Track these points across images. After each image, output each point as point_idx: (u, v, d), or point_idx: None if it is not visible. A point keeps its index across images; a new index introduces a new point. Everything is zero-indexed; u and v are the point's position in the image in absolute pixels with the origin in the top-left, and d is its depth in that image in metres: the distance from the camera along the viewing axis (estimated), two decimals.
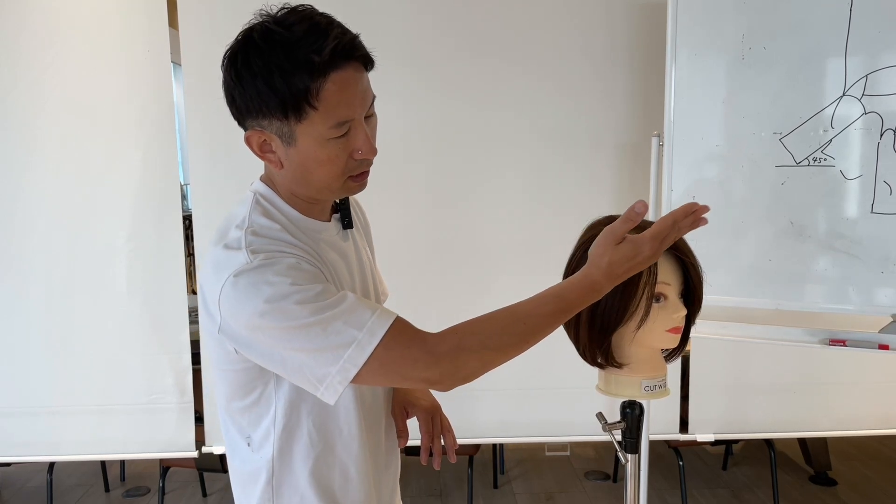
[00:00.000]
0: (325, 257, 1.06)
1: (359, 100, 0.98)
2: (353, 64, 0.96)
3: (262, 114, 0.96)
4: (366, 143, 0.99)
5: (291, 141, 0.97)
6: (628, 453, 1.13)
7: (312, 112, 0.94)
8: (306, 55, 0.92)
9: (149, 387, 2.70)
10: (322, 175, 1.00)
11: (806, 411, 2.86)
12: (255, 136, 0.99)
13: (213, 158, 2.61)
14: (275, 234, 1.00)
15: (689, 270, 1.07)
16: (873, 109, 2.03)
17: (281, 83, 0.92)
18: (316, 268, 0.99)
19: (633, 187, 2.68)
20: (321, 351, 0.92)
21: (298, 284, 0.93)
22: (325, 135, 0.96)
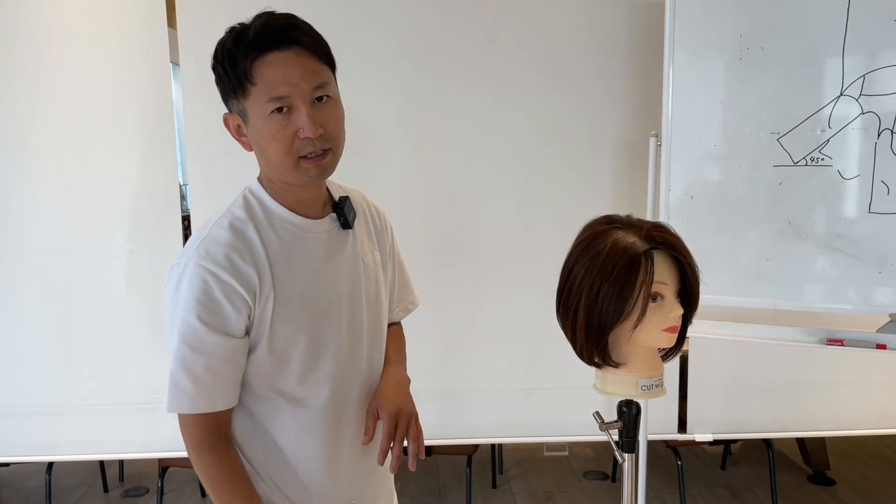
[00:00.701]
0: (297, 252, 1.14)
1: (296, 78, 1.06)
2: (295, 48, 1.07)
3: (228, 96, 1.10)
4: (306, 122, 1.06)
5: (246, 118, 1.09)
6: (625, 453, 1.13)
7: (252, 88, 1.06)
8: (244, 40, 1.06)
9: (147, 387, 2.70)
10: (273, 152, 1.09)
11: (804, 411, 2.86)
12: (230, 119, 1.13)
13: (212, 159, 2.61)
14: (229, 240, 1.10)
15: (686, 270, 1.07)
16: (871, 109, 2.03)
17: (228, 66, 1.07)
18: (232, 302, 1.08)
19: (632, 187, 2.68)
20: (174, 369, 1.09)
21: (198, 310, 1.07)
22: (266, 108, 1.06)
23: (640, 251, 1.03)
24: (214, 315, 1.07)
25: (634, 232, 1.06)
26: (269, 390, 1.16)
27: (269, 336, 1.12)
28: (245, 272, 1.08)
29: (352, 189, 1.32)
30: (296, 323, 1.14)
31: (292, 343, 1.14)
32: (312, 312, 1.15)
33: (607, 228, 1.08)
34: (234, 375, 1.12)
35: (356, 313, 1.22)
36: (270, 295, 1.10)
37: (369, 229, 1.28)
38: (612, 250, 1.04)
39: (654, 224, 1.08)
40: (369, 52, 2.58)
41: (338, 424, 1.20)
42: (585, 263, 1.07)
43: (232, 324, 1.09)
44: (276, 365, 1.14)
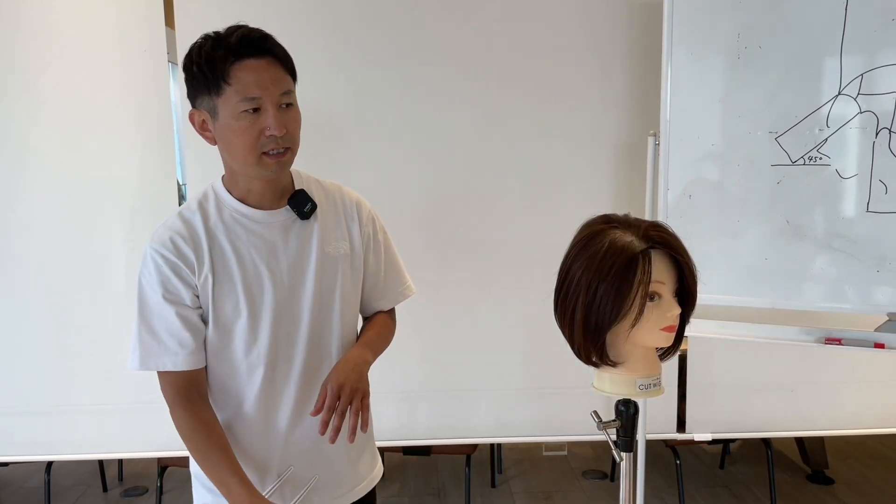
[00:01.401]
0: (241, 237, 1.29)
1: (268, 83, 1.20)
2: (268, 58, 1.22)
3: (199, 93, 1.23)
4: (274, 121, 1.21)
5: (216, 115, 1.22)
6: (623, 452, 1.13)
7: (227, 87, 1.19)
8: (224, 45, 1.20)
9: (146, 386, 2.69)
10: (239, 147, 1.23)
11: (803, 410, 2.86)
12: (196, 115, 1.27)
13: (210, 158, 2.59)
14: (176, 226, 1.28)
15: (684, 269, 1.07)
16: (869, 108, 2.03)
17: (206, 67, 1.20)
18: (180, 276, 1.26)
19: (630, 186, 2.68)
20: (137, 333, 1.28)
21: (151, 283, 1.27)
22: (238, 107, 1.20)
23: (637, 250, 1.04)
24: (165, 287, 1.26)
25: (632, 231, 1.06)
26: (218, 361, 1.31)
27: (213, 309, 1.28)
28: (184, 251, 1.26)
29: (328, 183, 1.43)
30: (236, 299, 1.28)
31: (234, 317, 1.29)
32: (253, 293, 1.29)
33: (605, 228, 1.08)
34: (195, 339, 1.27)
35: (302, 298, 1.32)
36: (209, 273, 1.27)
37: (339, 221, 1.38)
38: (610, 250, 1.05)
39: (652, 223, 1.08)
40: (368, 51, 2.58)
41: (274, 400, 1.33)
42: (583, 263, 1.07)
43: (182, 294, 1.26)
44: (221, 337, 1.30)
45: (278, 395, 1.33)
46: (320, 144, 2.61)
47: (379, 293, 1.47)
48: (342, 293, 1.36)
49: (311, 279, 1.32)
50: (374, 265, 1.44)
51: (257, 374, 1.30)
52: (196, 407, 1.27)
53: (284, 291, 1.30)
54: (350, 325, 1.41)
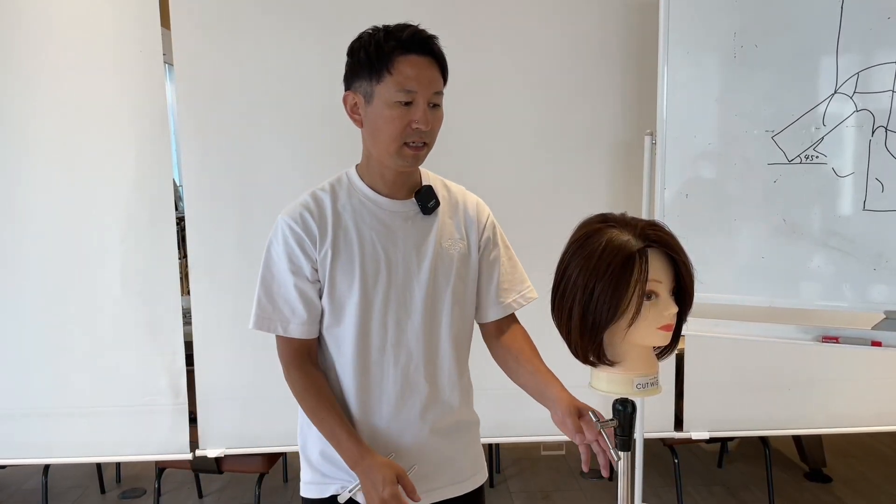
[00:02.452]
0: (366, 220, 1.35)
1: (426, 80, 1.28)
2: (429, 58, 1.29)
3: (358, 77, 1.29)
4: (423, 116, 1.27)
5: (370, 99, 1.28)
6: (621, 451, 1.14)
7: (388, 77, 1.25)
8: (395, 36, 1.28)
9: (143, 389, 2.69)
10: (385, 133, 1.28)
11: (801, 408, 2.86)
12: (350, 97, 1.32)
13: (207, 159, 2.60)
14: (307, 203, 1.35)
15: (681, 268, 1.07)
16: (865, 107, 2.03)
17: (374, 52, 1.27)
18: (303, 249, 1.33)
19: (626, 186, 2.68)
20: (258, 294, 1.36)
21: (278, 251, 1.35)
22: (393, 97, 1.25)
23: (634, 249, 1.04)
24: (289, 257, 1.33)
25: (629, 230, 1.06)
26: (330, 335, 1.36)
27: (328, 284, 1.33)
28: (310, 226, 1.33)
29: (454, 185, 1.52)
30: (352, 277, 1.33)
31: (347, 295, 1.33)
32: (368, 274, 1.33)
33: (602, 227, 1.08)
34: (308, 311, 1.34)
35: (416, 289, 1.36)
36: (329, 248, 1.32)
37: (458, 221, 1.44)
38: (607, 249, 1.05)
39: (649, 222, 1.08)
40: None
41: (379, 383, 1.36)
42: (580, 262, 1.07)
43: (302, 265, 1.32)
44: (334, 313, 1.35)
45: (382, 379, 1.36)
46: (319, 144, 2.61)
47: (498, 296, 1.47)
48: (454, 291, 1.40)
49: (426, 271, 1.36)
50: (493, 268, 1.47)
51: (366, 354, 1.35)
52: (308, 368, 1.35)
53: (398, 278, 1.35)
54: (462, 325, 1.44)
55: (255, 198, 2.62)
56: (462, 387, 1.47)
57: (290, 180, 2.61)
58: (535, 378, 1.39)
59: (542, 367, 1.40)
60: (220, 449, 2.71)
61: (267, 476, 2.88)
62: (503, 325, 1.49)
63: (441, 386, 1.41)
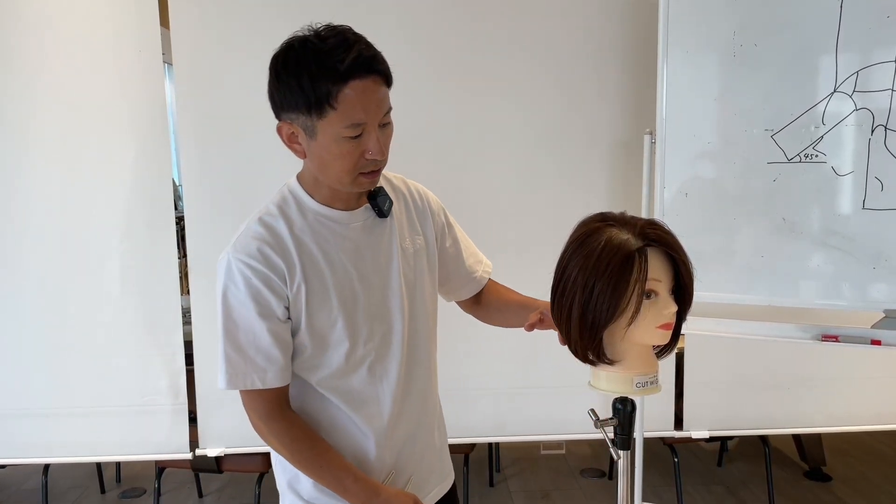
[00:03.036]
0: (329, 242, 1.24)
1: (374, 107, 1.14)
2: (373, 77, 1.13)
3: (292, 108, 1.14)
4: (376, 145, 1.15)
5: (313, 135, 1.15)
6: (620, 450, 1.13)
7: (331, 112, 1.11)
8: (332, 63, 1.10)
9: (143, 388, 2.70)
10: (336, 169, 1.17)
11: (800, 407, 2.86)
12: (285, 127, 1.18)
13: (206, 158, 2.60)
14: (260, 234, 1.21)
15: (680, 267, 1.07)
16: (864, 106, 2.03)
17: (308, 84, 1.10)
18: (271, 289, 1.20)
19: (626, 185, 2.68)
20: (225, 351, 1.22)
21: (239, 297, 1.20)
22: (341, 133, 1.13)
23: (633, 248, 1.04)
24: (257, 301, 1.19)
25: (628, 229, 1.06)
26: (313, 369, 1.26)
27: (307, 318, 1.22)
28: (275, 262, 1.19)
29: (392, 175, 1.40)
30: (330, 307, 1.23)
31: (329, 324, 1.23)
32: (346, 298, 1.24)
33: (601, 226, 1.08)
34: (284, 355, 1.22)
35: (392, 298, 1.30)
36: (301, 283, 1.21)
37: (410, 215, 1.37)
38: (606, 248, 1.04)
39: (648, 221, 1.08)
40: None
41: (374, 400, 1.29)
42: (579, 261, 1.07)
43: (273, 307, 1.20)
44: (317, 347, 1.24)
45: (378, 395, 1.30)
46: None
47: (464, 278, 1.48)
48: (423, 287, 1.36)
49: (396, 277, 1.30)
50: (454, 251, 1.45)
51: (356, 376, 1.27)
52: (290, 415, 1.25)
53: (375, 292, 1.28)
54: (432, 318, 1.41)
55: (255, 197, 2.57)
56: (435, 381, 1.47)
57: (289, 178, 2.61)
58: (523, 310, 1.39)
59: (524, 299, 1.42)
60: (220, 448, 2.71)
61: (266, 475, 2.88)
62: (477, 296, 1.52)
63: (430, 389, 1.41)
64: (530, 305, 1.39)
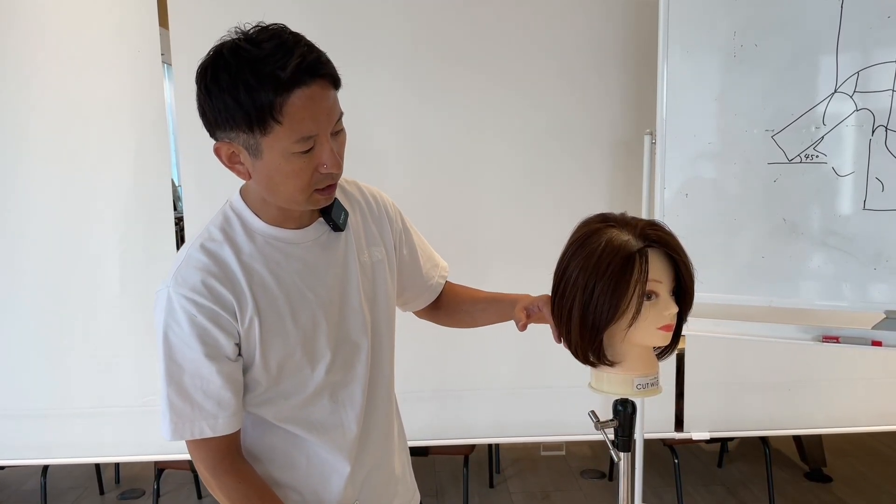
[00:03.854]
0: (282, 266, 1.11)
1: (324, 116, 1.00)
2: (319, 81, 0.99)
3: (230, 126, 1.00)
4: (331, 157, 1.02)
5: (258, 153, 1.01)
6: (621, 451, 1.13)
7: (277, 126, 0.97)
8: (271, 71, 0.95)
9: (142, 389, 2.69)
10: (288, 188, 1.04)
11: (801, 408, 2.86)
12: (224, 147, 1.04)
13: (205, 159, 2.57)
14: (204, 264, 1.07)
15: (681, 268, 1.06)
16: (865, 106, 2.03)
17: (246, 98, 0.96)
18: (219, 326, 1.06)
19: (626, 185, 2.68)
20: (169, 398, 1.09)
21: (182, 336, 1.06)
22: (290, 149, 0.99)
23: (634, 249, 1.03)
24: (203, 341, 1.06)
25: (629, 230, 1.06)
26: (268, 405, 1.15)
27: (261, 354, 1.10)
28: (221, 294, 1.06)
29: (346, 181, 1.27)
30: (286, 335, 1.11)
31: (286, 356, 1.12)
32: (304, 324, 1.13)
33: (601, 227, 1.07)
34: (236, 398, 1.10)
35: (353, 317, 1.19)
36: (254, 316, 1.08)
37: (367, 223, 1.25)
38: (607, 249, 1.04)
39: (649, 222, 1.08)
40: (366, 50, 2.58)
41: (338, 427, 1.20)
42: (580, 262, 1.07)
43: (223, 346, 1.07)
44: (273, 380, 1.13)
45: (343, 421, 1.19)
46: None
47: (420, 287, 1.37)
48: (384, 301, 1.25)
49: (356, 295, 1.19)
50: (411, 259, 1.35)
51: (318, 406, 1.17)
52: (241, 468, 1.12)
53: (335, 314, 1.16)
54: (393, 332, 1.30)
55: None
56: (395, 398, 1.36)
57: None
58: (493, 305, 1.33)
59: (492, 294, 1.34)
60: None
61: None
62: (437, 300, 1.42)
63: (391, 408, 1.31)
64: (502, 300, 1.31)
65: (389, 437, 1.31)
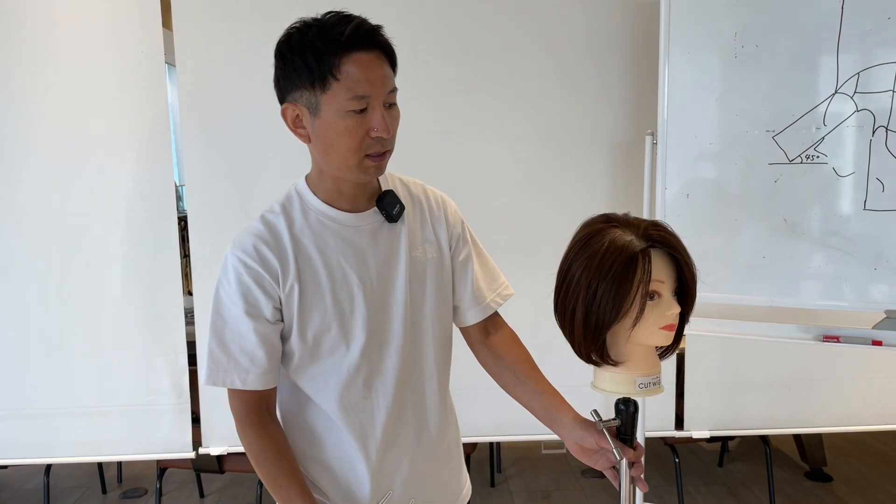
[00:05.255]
0: (329, 243, 1.20)
1: (378, 81, 1.11)
2: (376, 52, 1.12)
3: (296, 86, 1.12)
4: (381, 122, 1.12)
5: (317, 111, 1.12)
6: None
7: (335, 83, 1.09)
8: (334, 35, 1.09)
9: (145, 388, 2.70)
10: (341, 147, 1.12)
11: (801, 407, 2.87)
12: (290, 109, 1.15)
13: (208, 159, 2.60)
14: (259, 231, 1.19)
15: (683, 268, 1.07)
16: (865, 107, 2.04)
17: (311, 58, 1.09)
18: (262, 287, 1.17)
19: (627, 186, 2.68)
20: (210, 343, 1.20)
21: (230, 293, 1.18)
22: (345, 106, 1.10)
23: (637, 249, 1.04)
24: (245, 298, 1.16)
25: (632, 230, 1.06)
26: (305, 376, 1.22)
27: (298, 322, 1.18)
28: (268, 259, 1.16)
29: (412, 181, 1.35)
30: (324, 310, 1.19)
31: (322, 330, 1.19)
32: (341, 302, 1.20)
33: (604, 227, 1.08)
34: (269, 358, 1.18)
35: (393, 307, 1.24)
36: (295, 283, 1.17)
37: (425, 222, 1.30)
38: (610, 249, 1.05)
39: (652, 222, 1.08)
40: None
41: (368, 415, 1.24)
42: (583, 262, 1.07)
43: (263, 307, 1.16)
44: (309, 351, 1.20)
45: (372, 409, 1.24)
46: None
47: (475, 297, 1.36)
48: (433, 301, 1.28)
49: (401, 287, 1.23)
50: (466, 267, 1.35)
51: (351, 388, 1.21)
52: (267, 426, 1.20)
53: (376, 300, 1.21)
54: (443, 335, 1.32)
55: (257, 197, 2.62)
56: (447, 406, 1.37)
57: (291, 179, 2.60)
58: (539, 400, 1.30)
59: (548, 387, 1.30)
60: (223, 447, 2.71)
61: None
62: (487, 328, 1.38)
63: (430, 408, 1.31)
64: (551, 400, 1.29)
65: (421, 438, 1.30)
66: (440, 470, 1.36)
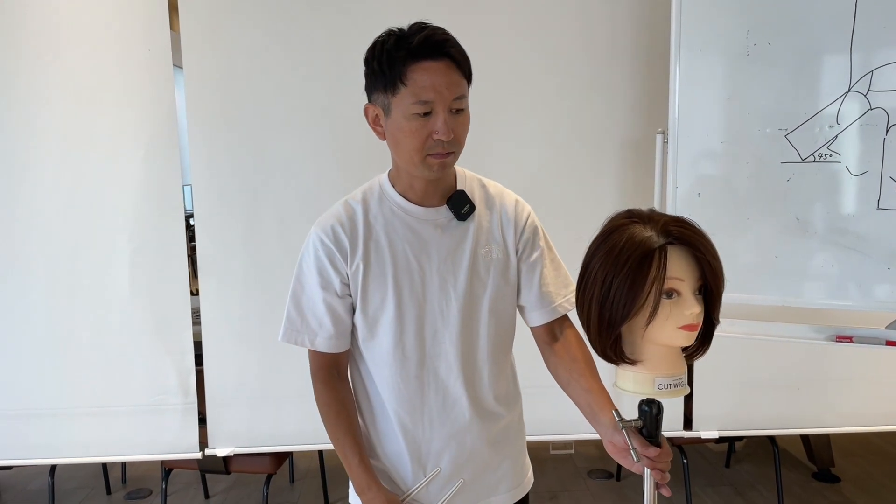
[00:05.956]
0: (398, 230, 1.32)
1: (443, 88, 1.20)
2: (446, 61, 1.21)
3: (375, 89, 1.25)
4: (442, 126, 1.21)
5: (389, 113, 1.23)
6: None
7: (403, 88, 1.20)
8: (405, 45, 1.20)
9: (151, 388, 2.69)
10: (407, 146, 1.23)
11: (809, 408, 2.85)
12: (371, 109, 1.28)
13: (214, 159, 2.59)
14: (338, 213, 1.33)
15: (706, 267, 1.05)
16: (879, 105, 2.02)
17: (386, 65, 1.21)
18: (333, 264, 1.32)
19: (638, 185, 2.67)
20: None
21: (309, 265, 1.34)
22: (410, 109, 1.20)
23: (654, 245, 1.02)
24: (320, 271, 1.32)
25: (651, 226, 1.05)
26: (366, 350, 1.35)
27: (361, 299, 1.32)
28: (341, 239, 1.31)
29: (492, 185, 1.45)
30: (385, 291, 1.31)
31: (381, 310, 1.31)
32: (402, 287, 1.31)
33: (626, 222, 1.07)
34: (336, 326, 1.33)
35: (451, 298, 1.32)
36: (361, 262, 1.30)
37: (494, 223, 1.38)
38: (627, 244, 1.04)
39: (673, 218, 1.06)
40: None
41: (419, 397, 1.35)
42: (601, 257, 1.06)
43: (332, 281, 1.32)
44: (369, 327, 1.33)
45: (423, 389, 1.35)
46: (328, 144, 2.60)
47: (541, 300, 1.40)
48: (492, 299, 1.35)
49: (462, 281, 1.32)
50: (534, 270, 1.39)
51: (404, 368, 1.33)
52: (334, 383, 1.36)
53: (434, 289, 1.32)
54: (501, 335, 1.40)
55: (264, 198, 2.61)
56: (505, 394, 1.44)
57: (298, 180, 2.61)
58: (587, 397, 1.33)
59: (596, 386, 1.33)
60: (230, 448, 2.70)
61: (274, 477, 2.87)
62: (553, 331, 1.43)
63: (482, 396, 1.38)
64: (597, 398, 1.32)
65: (472, 423, 1.37)
66: (494, 456, 1.42)
